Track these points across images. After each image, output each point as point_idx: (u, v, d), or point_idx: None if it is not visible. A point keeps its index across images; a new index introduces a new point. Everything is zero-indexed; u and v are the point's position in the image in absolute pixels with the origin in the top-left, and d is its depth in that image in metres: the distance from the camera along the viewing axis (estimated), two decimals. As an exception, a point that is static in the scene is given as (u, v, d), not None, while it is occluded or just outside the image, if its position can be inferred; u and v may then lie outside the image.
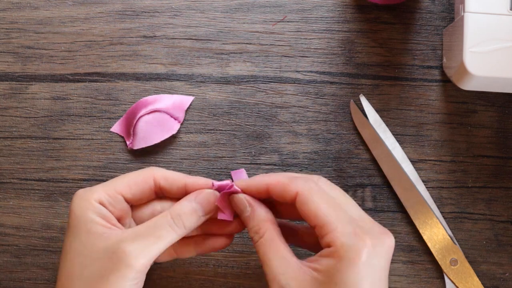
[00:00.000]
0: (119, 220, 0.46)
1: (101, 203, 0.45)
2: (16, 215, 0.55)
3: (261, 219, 0.45)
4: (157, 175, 0.47)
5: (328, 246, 0.42)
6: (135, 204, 0.48)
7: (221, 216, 0.47)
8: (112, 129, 0.55)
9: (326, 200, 0.43)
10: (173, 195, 0.48)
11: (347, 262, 0.40)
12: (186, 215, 0.45)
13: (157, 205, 0.48)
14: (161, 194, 0.48)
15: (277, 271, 0.42)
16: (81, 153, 0.55)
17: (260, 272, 0.54)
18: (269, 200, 0.47)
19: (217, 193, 0.46)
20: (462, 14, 0.48)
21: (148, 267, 0.44)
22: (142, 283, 0.44)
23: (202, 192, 0.46)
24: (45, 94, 0.56)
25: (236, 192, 0.46)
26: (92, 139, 0.55)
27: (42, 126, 0.56)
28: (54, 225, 0.55)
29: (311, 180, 0.44)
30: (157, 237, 0.43)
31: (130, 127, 0.55)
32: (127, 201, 0.47)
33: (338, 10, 0.56)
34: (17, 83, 0.56)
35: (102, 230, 0.44)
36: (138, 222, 0.48)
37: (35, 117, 0.56)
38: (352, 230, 0.41)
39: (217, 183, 0.47)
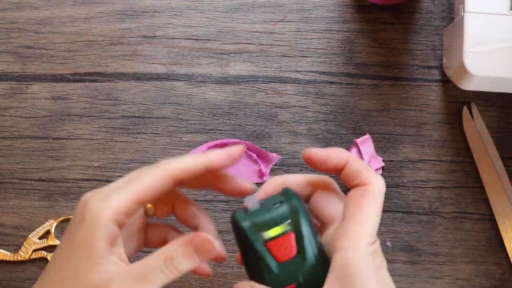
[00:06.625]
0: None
1: (116, 220, 0.41)
2: (16, 215, 0.55)
3: None
4: (175, 172, 0.42)
5: None
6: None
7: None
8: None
9: None
10: (195, 183, 0.44)
11: None
12: (179, 259, 0.41)
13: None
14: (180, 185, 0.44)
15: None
16: (81, 153, 0.55)
17: (260, 272, 0.54)
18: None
19: (214, 240, 0.42)
20: (462, 14, 0.48)
21: None
22: None
23: (200, 237, 0.42)
24: (45, 94, 0.56)
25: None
26: (92, 139, 0.55)
27: (42, 126, 0.56)
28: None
29: None
30: (147, 280, 0.41)
31: None
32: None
33: (338, 10, 0.56)
34: (17, 83, 0.56)
35: (100, 260, 0.40)
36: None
37: (35, 117, 0.56)
38: None
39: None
